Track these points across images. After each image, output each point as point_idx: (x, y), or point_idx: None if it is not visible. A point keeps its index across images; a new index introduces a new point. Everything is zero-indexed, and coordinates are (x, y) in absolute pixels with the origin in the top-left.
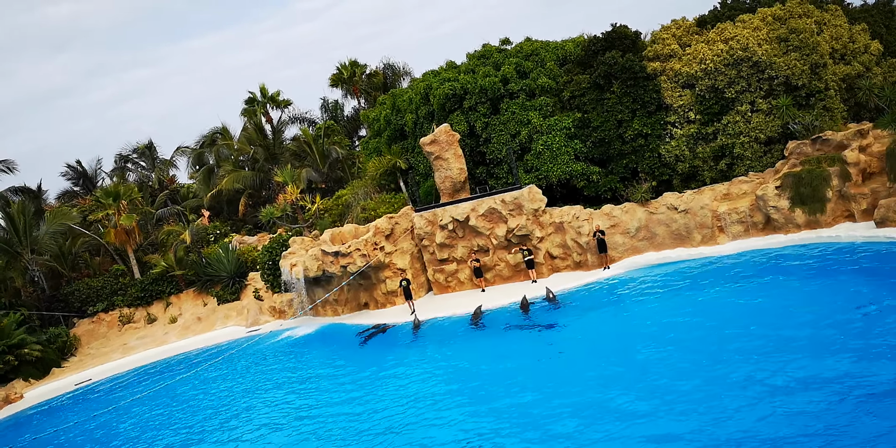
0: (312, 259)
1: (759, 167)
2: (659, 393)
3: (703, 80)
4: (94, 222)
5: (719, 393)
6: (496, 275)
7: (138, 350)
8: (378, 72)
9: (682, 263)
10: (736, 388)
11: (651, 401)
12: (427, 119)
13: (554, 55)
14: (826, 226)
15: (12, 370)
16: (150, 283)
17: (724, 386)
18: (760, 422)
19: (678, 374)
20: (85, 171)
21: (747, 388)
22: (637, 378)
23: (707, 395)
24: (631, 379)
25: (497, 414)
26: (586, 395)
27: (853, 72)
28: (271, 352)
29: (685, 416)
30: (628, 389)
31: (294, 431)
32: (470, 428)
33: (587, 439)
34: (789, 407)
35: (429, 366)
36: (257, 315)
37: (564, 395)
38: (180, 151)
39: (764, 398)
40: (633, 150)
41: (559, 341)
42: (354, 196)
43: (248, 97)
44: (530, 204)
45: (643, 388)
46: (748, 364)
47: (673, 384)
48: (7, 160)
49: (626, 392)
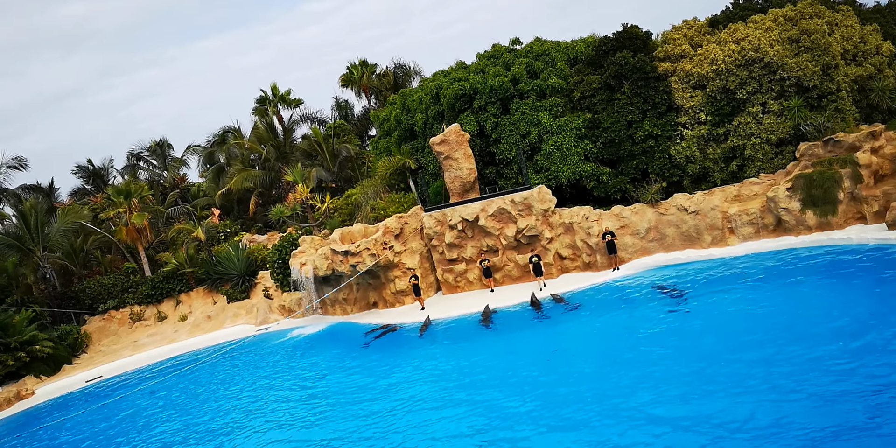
0: (322, 258)
1: (770, 169)
2: (657, 389)
3: (714, 81)
4: (105, 220)
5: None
6: (505, 275)
7: (148, 347)
8: (388, 72)
9: (692, 265)
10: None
11: (650, 393)
12: (437, 119)
13: (564, 55)
14: (837, 228)
15: (24, 367)
16: (160, 281)
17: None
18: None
19: (678, 372)
20: (97, 170)
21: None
22: (646, 376)
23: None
24: (640, 377)
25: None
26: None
27: (865, 73)
28: (280, 350)
29: (684, 403)
30: (638, 386)
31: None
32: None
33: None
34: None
35: (434, 362)
36: (267, 314)
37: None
38: (191, 150)
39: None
40: (643, 150)
41: (568, 340)
42: (364, 195)
43: (260, 96)
44: (540, 204)
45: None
46: (753, 368)
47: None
48: (19, 157)
49: (637, 387)
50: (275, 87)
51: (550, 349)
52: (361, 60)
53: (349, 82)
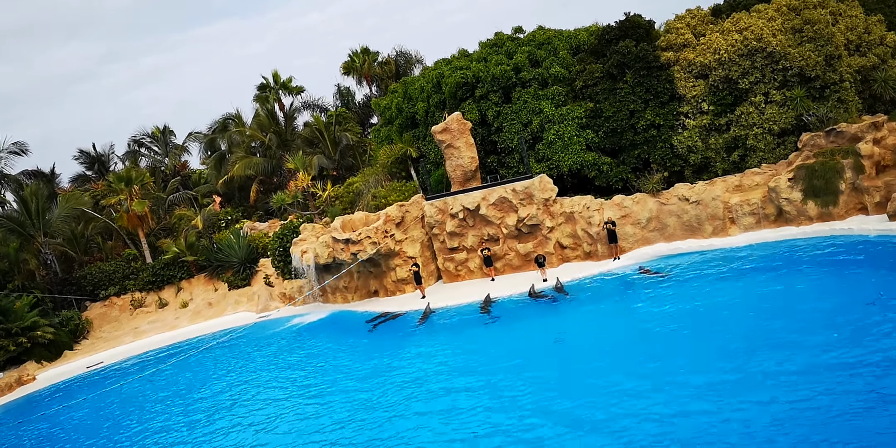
0: (323, 246)
1: (772, 159)
2: (653, 376)
3: (716, 71)
4: (106, 207)
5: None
6: (506, 264)
7: (149, 334)
8: (390, 60)
9: (692, 255)
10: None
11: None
12: (439, 107)
13: (567, 44)
14: (839, 218)
15: (25, 352)
16: (161, 268)
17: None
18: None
19: (676, 362)
20: (98, 156)
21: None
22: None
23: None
24: (637, 364)
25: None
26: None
27: (868, 64)
28: (281, 337)
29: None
30: (632, 373)
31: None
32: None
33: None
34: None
35: (431, 350)
36: (268, 301)
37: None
38: (192, 137)
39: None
40: (645, 140)
41: (566, 329)
42: (365, 184)
43: (261, 83)
44: (541, 193)
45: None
46: (752, 359)
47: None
48: (20, 142)
49: (630, 374)
50: (276, 74)
51: (550, 338)
52: (363, 48)
53: (351, 70)
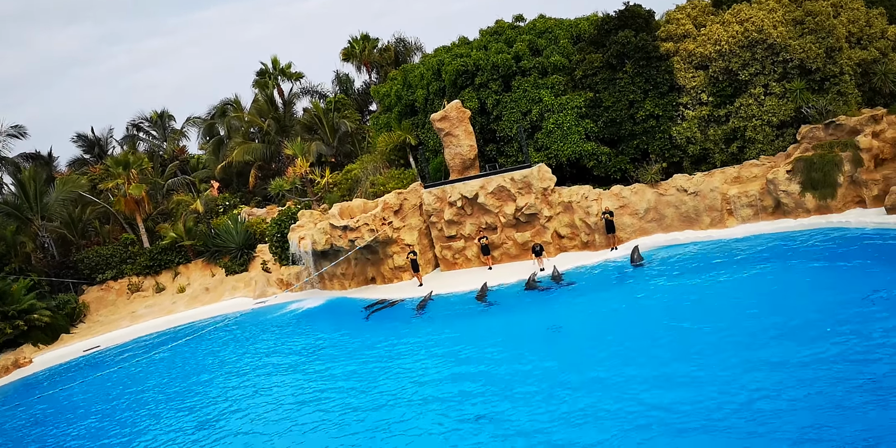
0: (321, 232)
1: (770, 151)
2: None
3: (716, 62)
4: (104, 191)
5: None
6: (503, 253)
7: (146, 318)
8: (390, 47)
9: (690, 245)
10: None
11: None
12: (438, 95)
13: (567, 33)
14: (836, 211)
15: (22, 335)
16: (158, 253)
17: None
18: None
19: (673, 352)
20: (97, 140)
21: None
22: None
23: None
24: (636, 353)
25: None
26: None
27: (869, 57)
28: (278, 323)
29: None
30: (632, 361)
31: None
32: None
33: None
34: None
35: (423, 339)
36: (265, 287)
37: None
38: (191, 122)
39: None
40: (644, 130)
41: (563, 318)
42: (364, 171)
43: (260, 68)
44: (539, 183)
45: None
46: (740, 351)
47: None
48: (18, 125)
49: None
50: (275, 59)
51: (545, 326)
52: (363, 34)
53: (350, 56)
